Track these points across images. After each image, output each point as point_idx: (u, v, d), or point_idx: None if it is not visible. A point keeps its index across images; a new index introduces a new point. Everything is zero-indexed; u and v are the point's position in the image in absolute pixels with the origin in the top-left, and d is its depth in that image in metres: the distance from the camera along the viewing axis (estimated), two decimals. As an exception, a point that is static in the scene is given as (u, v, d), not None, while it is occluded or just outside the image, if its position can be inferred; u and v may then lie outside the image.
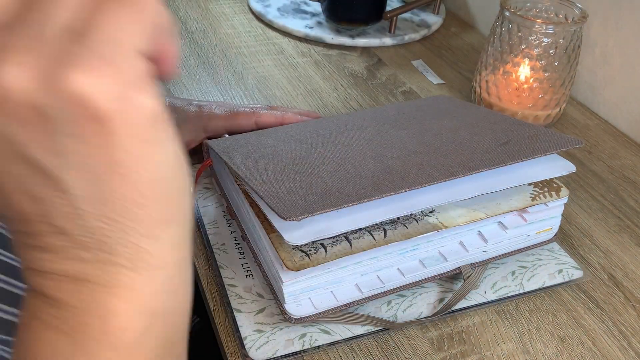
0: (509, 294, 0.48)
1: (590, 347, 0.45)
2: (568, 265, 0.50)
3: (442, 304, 0.46)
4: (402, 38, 0.88)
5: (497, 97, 0.68)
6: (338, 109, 0.71)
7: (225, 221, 0.52)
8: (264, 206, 0.42)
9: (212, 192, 0.55)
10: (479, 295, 0.47)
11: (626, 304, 0.49)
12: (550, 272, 0.49)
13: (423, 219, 0.44)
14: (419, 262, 0.45)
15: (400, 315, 0.45)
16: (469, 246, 0.46)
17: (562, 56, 0.65)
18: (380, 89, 0.77)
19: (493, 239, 0.46)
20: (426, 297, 0.46)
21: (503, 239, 0.47)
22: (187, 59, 0.80)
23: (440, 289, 0.47)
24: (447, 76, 0.81)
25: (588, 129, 0.72)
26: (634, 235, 0.56)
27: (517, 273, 0.49)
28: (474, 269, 0.46)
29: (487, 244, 0.46)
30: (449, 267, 0.46)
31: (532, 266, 0.50)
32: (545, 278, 0.49)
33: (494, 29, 0.68)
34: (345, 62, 0.82)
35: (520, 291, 0.48)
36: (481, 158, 0.44)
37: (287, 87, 0.75)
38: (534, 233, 0.48)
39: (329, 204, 0.39)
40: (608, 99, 0.74)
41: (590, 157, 0.66)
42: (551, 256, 0.51)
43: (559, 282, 0.49)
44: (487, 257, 0.47)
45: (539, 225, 0.48)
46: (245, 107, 0.55)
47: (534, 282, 0.48)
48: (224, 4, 0.96)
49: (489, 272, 0.49)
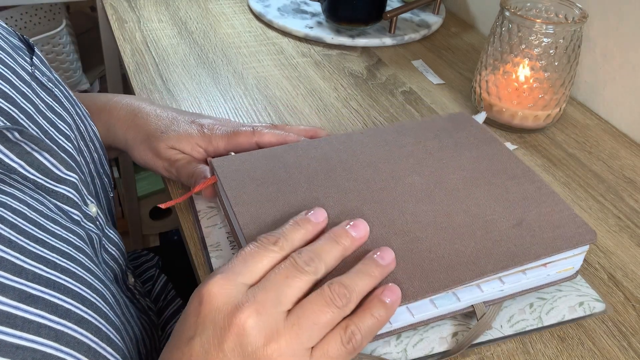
0: (527, 328, 0.44)
1: (590, 347, 0.45)
2: (589, 297, 0.46)
3: (454, 339, 0.43)
4: (402, 38, 0.88)
5: (497, 97, 0.68)
6: (338, 109, 0.71)
7: (229, 243, 0.49)
8: (240, 236, 0.42)
9: (217, 211, 0.52)
10: (495, 330, 0.44)
11: (626, 304, 0.49)
12: (571, 304, 0.46)
13: None
14: (429, 301, 0.41)
15: (410, 350, 0.42)
16: (485, 287, 0.43)
17: (562, 56, 0.65)
18: (380, 89, 0.77)
19: (511, 282, 0.43)
20: (438, 330, 0.43)
21: (521, 279, 0.43)
22: (187, 59, 0.80)
23: (453, 321, 0.44)
24: (447, 76, 0.81)
25: (588, 129, 0.72)
26: (634, 235, 0.56)
27: (536, 305, 0.45)
28: (488, 308, 0.43)
29: (505, 285, 0.43)
30: (462, 306, 0.42)
31: (551, 298, 0.46)
32: (565, 311, 0.45)
33: (494, 29, 0.68)
34: (345, 62, 0.82)
35: (539, 325, 0.45)
36: (492, 251, 0.42)
37: (287, 87, 0.75)
38: (554, 273, 0.45)
39: None
40: (608, 99, 0.74)
41: (590, 157, 0.66)
42: (572, 287, 0.47)
43: (579, 315, 0.45)
44: (503, 295, 0.44)
45: (560, 267, 0.45)
46: (246, 126, 0.55)
47: (553, 315, 0.45)
48: (224, 4, 0.96)
49: (505, 303, 0.45)
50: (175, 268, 0.73)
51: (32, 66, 0.47)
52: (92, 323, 0.35)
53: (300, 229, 0.39)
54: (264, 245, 0.37)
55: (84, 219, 0.43)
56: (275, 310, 0.34)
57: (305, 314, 0.34)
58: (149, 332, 0.49)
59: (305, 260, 0.36)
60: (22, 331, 0.31)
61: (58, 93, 0.49)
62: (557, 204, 0.46)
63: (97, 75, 1.42)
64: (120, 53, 0.81)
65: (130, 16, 0.90)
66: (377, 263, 0.38)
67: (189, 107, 0.70)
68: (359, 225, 0.41)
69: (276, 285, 0.35)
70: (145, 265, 0.73)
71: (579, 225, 0.45)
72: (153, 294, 0.68)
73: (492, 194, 0.47)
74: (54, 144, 0.44)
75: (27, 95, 0.44)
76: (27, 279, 0.32)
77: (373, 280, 0.38)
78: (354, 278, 0.37)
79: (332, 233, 0.39)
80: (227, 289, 0.34)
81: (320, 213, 0.41)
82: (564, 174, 0.63)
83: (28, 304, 0.32)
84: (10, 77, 0.43)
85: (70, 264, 0.36)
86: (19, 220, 0.34)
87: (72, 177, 0.42)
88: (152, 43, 0.83)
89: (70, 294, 0.34)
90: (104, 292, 0.38)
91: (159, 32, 0.86)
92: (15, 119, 0.41)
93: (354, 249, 0.40)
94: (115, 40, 0.84)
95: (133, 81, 0.74)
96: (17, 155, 0.38)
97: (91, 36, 1.42)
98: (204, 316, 0.34)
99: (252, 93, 0.73)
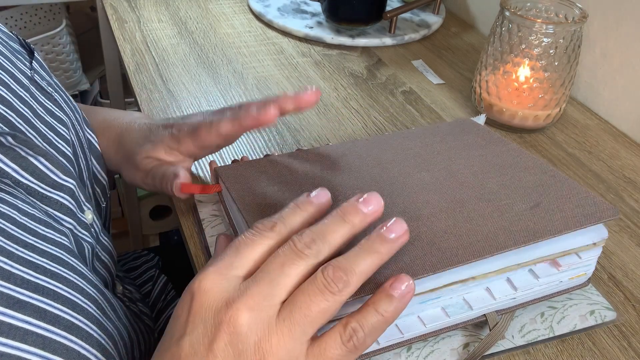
0: (539, 338, 0.44)
1: (590, 347, 0.45)
2: (600, 305, 0.46)
3: (465, 350, 0.42)
4: (402, 38, 0.88)
5: (497, 97, 0.68)
6: (338, 109, 0.71)
7: None
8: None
9: (221, 220, 0.51)
10: (507, 340, 0.43)
11: (626, 304, 0.49)
12: (582, 313, 0.45)
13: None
14: (441, 309, 0.40)
15: None
16: (497, 293, 0.41)
17: (562, 56, 0.64)
18: (380, 89, 0.77)
19: (523, 287, 0.42)
20: (449, 341, 0.42)
21: (534, 286, 0.42)
22: (187, 59, 0.80)
23: (464, 332, 0.43)
24: (447, 76, 0.81)
25: (588, 129, 0.72)
26: (634, 235, 0.56)
27: (547, 314, 0.45)
28: (500, 317, 0.42)
29: (517, 291, 0.42)
30: (474, 315, 0.41)
31: (562, 307, 0.45)
32: (576, 320, 0.45)
33: (494, 29, 0.68)
34: (345, 62, 0.82)
35: (550, 335, 0.44)
36: (510, 228, 0.40)
37: (287, 87, 0.75)
38: (567, 279, 0.44)
39: None
40: (608, 99, 0.74)
41: (590, 157, 0.66)
42: (582, 295, 0.46)
43: (591, 324, 0.45)
44: (516, 303, 0.43)
45: (573, 272, 0.44)
46: (206, 120, 0.50)
47: (564, 324, 0.45)
48: (224, 4, 0.96)
49: (516, 313, 0.45)
50: (175, 268, 0.73)
51: (32, 70, 0.47)
52: (83, 329, 0.34)
53: (301, 211, 0.35)
54: (260, 232, 0.34)
55: (77, 227, 0.42)
56: (268, 304, 0.31)
57: (296, 306, 0.31)
58: (145, 335, 0.49)
59: (306, 242, 0.33)
60: (7, 338, 0.30)
61: (58, 97, 0.49)
62: (574, 187, 0.45)
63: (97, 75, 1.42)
64: (120, 53, 0.81)
65: (130, 16, 0.90)
66: (384, 238, 0.33)
67: (189, 107, 0.70)
68: (372, 200, 0.35)
69: (270, 275, 0.32)
70: (145, 266, 0.73)
71: (599, 204, 0.43)
72: (153, 295, 0.68)
73: (505, 183, 0.45)
74: (53, 148, 0.44)
75: (25, 100, 0.43)
76: (15, 284, 0.32)
77: (378, 257, 0.33)
78: (353, 257, 0.33)
79: (339, 210, 0.34)
80: (219, 284, 0.32)
81: (323, 194, 0.37)
82: (564, 174, 0.63)
83: (15, 309, 0.31)
84: (8, 81, 0.43)
85: (61, 269, 0.35)
86: (7, 225, 0.34)
87: (69, 182, 0.42)
88: (152, 43, 0.83)
89: (60, 300, 0.34)
90: (96, 296, 0.37)
91: (159, 32, 0.86)
92: (13, 123, 0.41)
93: (365, 226, 0.35)
94: (115, 40, 0.84)
95: (133, 81, 0.74)
96: (11, 159, 0.38)
97: (91, 36, 1.42)
98: (195, 314, 0.32)
99: (252, 93, 0.73)
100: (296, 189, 0.46)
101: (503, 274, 0.41)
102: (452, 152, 0.50)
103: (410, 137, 0.53)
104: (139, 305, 0.56)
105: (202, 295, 0.32)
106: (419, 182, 0.45)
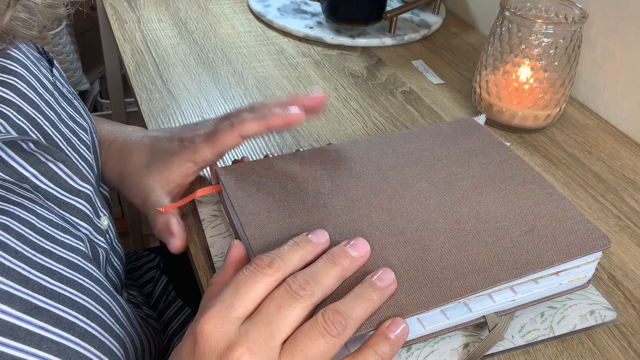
0: (538, 338, 0.44)
1: (590, 347, 0.45)
2: (600, 305, 0.46)
3: (465, 350, 0.42)
4: (402, 38, 0.88)
5: (497, 97, 0.68)
6: (338, 109, 0.71)
7: None
8: (248, 248, 0.41)
9: (221, 220, 0.51)
10: (506, 340, 0.43)
11: (626, 304, 0.49)
12: (582, 313, 0.45)
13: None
14: (440, 312, 0.41)
15: None
16: (497, 297, 0.42)
17: (562, 56, 0.65)
18: (380, 89, 0.77)
19: (523, 291, 0.43)
20: (449, 342, 0.42)
21: (533, 289, 0.43)
22: (187, 59, 0.80)
23: (464, 332, 0.43)
24: (447, 76, 0.81)
25: (588, 129, 0.72)
26: (634, 235, 0.56)
27: (547, 314, 0.45)
28: (499, 318, 0.42)
29: (516, 294, 0.42)
30: (473, 317, 0.42)
31: (562, 307, 0.46)
32: (576, 320, 0.45)
33: (494, 29, 0.68)
34: (345, 62, 0.82)
35: (550, 335, 0.44)
36: (504, 258, 0.41)
37: (287, 87, 0.75)
38: (566, 282, 0.45)
39: None
40: (608, 99, 0.74)
41: (590, 157, 0.66)
42: (582, 295, 0.47)
43: (591, 324, 0.45)
44: (515, 305, 0.43)
45: (572, 276, 0.45)
46: (225, 122, 0.49)
47: (564, 324, 0.45)
48: (224, 4, 0.97)
49: (516, 313, 0.45)
50: (175, 268, 0.73)
51: (53, 77, 0.47)
52: (96, 337, 0.35)
53: (299, 249, 0.37)
54: (259, 269, 0.35)
55: (93, 232, 0.43)
56: (268, 347, 0.32)
57: (298, 348, 0.33)
58: (155, 340, 0.49)
59: (300, 284, 0.34)
60: (23, 344, 0.30)
61: (77, 104, 0.49)
62: (569, 209, 0.46)
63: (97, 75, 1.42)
64: (120, 53, 0.81)
65: (130, 16, 0.90)
66: (375, 286, 0.36)
67: (189, 107, 0.70)
68: (359, 245, 0.39)
69: (269, 318, 0.33)
70: (147, 266, 0.73)
71: (592, 231, 0.44)
72: (154, 296, 0.68)
73: (503, 200, 0.47)
74: (76, 153, 0.44)
75: (51, 104, 0.44)
76: (33, 289, 0.32)
77: (372, 304, 0.36)
78: (350, 303, 0.35)
79: (329, 254, 0.37)
80: (220, 328, 0.33)
81: (321, 234, 0.39)
82: (564, 174, 0.63)
83: (32, 315, 0.31)
84: (35, 85, 0.43)
85: (77, 275, 0.36)
86: (25, 231, 0.34)
87: (87, 188, 0.42)
88: (152, 43, 0.83)
89: (75, 307, 0.34)
90: (109, 303, 0.38)
91: (159, 32, 0.86)
92: (41, 126, 0.41)
93: (354, 269, 0.38)
94: (115, 40, 0.84)
95: (133, 81, 0.74)
96: (31, 164, 0.38)
97: (91, 36, 1.42)
98: (198, 358, 0.32)
99: (252, 93, 0.73)
100: (295, 192, 0.46)
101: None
102: (452, 159, 0.51)
103: (412, 139, 0.53)
104: (144, 309, 0.56)
105: (205, 340, 0.33)
106: (418, 195, 0.47)
